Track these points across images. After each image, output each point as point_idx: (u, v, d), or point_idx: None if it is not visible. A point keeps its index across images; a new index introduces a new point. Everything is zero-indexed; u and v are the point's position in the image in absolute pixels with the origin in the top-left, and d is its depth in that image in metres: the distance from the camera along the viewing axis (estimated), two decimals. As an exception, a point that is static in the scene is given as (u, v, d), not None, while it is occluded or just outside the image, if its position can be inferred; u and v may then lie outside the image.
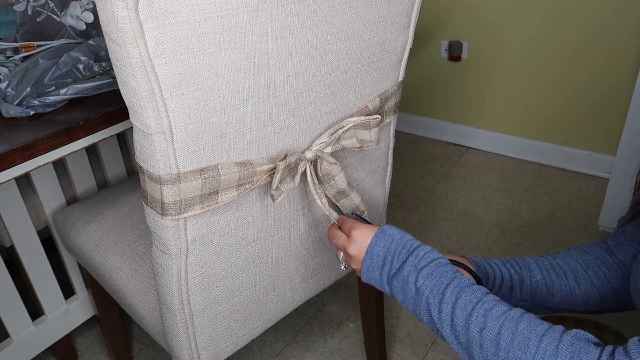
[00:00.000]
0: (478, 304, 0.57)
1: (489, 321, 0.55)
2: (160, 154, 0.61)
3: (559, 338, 0.52)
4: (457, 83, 2.18)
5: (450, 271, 0.62)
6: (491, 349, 0.54)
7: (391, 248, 0.66)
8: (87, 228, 1.02)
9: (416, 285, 0.62)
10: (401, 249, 0.66)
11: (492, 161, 2.14)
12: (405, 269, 0.64)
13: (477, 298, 0.57)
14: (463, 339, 0.57)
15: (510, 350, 0.53)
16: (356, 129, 0.79)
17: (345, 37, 0.72)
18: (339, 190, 0.80)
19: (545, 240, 1.68)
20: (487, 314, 0.56)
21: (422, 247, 0.65)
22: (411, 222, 1.80)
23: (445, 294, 0.59)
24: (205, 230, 0.71)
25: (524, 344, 0.52)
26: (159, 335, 0.86)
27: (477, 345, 0.55)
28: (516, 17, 1.91)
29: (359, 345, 1.34)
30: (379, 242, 0.68)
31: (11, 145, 0.73)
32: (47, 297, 1.16)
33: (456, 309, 0.58)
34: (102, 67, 0.89)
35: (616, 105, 1.84)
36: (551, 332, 0.52)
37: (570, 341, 0.51)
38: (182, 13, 0.53)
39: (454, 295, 0.58)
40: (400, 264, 0.65)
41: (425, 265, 0.62)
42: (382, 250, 0.67)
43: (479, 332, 0.55)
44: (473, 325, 0.56)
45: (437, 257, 0.64)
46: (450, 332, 0.58)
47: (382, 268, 0.67)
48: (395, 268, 0.65)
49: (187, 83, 0.58)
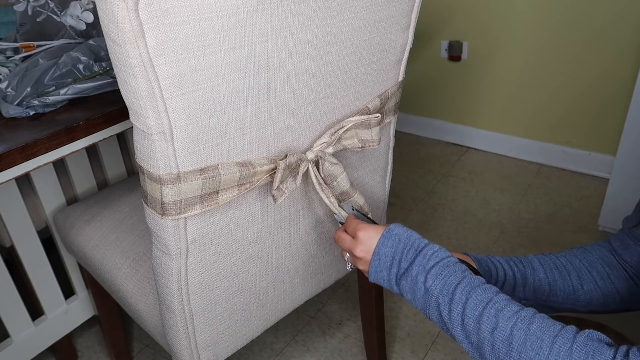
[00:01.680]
0: (489, 304, 0.56)
1: (501, 321, 0.55)
2: (160, 154, 0.61)
3: (572, 339, 0.51)
4: (457, 83, 2.18)
5: (459, 270, 0.61)
6: (503, 349, 0.54)
7: (399, 248, 0.66)
8: (87, 228, 1.02)
9: (425, 286, 0.62)
10: (409, 249, 0.65)
11: (492, 161, 2.14)
12: (413, 269, 0.63)
13: (488, 298, 0.57)
14: (474, 339, 0.57)
15: (522, 351, 0.53)
16: (357, 129, 0.79)
17: (345, 37, 0.72)
18: (343, 191, 0.80)
19: (545, 240, 1.68)
20: (498, 314, 0.55)
21: (430, 246, 0.65)
22: (411, 222, 1.80)
23: (455, 294, 0.59)
24: (205, 230, 0.71)
25: (537, 345, 0.52)
26: (159, 335, 0.86)
27: (489, 346, 0.55)
28: (516, 17, 1.91)
29: (359, 345, 1.34)
30: (386, 242, 0.67)
31: (11, 145, 0.73)
32: (47, 297, 1.16)
33: (467, 309, 0.57)
34: (102, 67, 0.89)
35: (616, 106, 1.84)
36: (564, 333, 0.52)
37: (584, 342, 0.51)
38: (182, 13, 0.53)
39: (464, 295, 0.58)
40: (409, 264, 0.64)
41: (433, 265, 0.62)
42: (389, 250, 0.66)
43: (491, 332, 0.55)
44: (484, 326, 0.56)
45: (446, 255, 0.63)
46: (461, 332, 0.58)
47: (390, 269, 0.66)
48: (404, 268, 0.65)
49: (187, 83, 0.58)
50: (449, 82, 2.20)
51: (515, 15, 1.91)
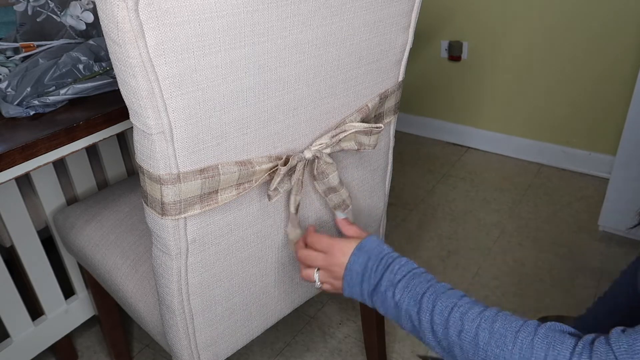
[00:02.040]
0: (454, 308, 0.58)
1: (466, 324, 0.57)
2: (160, 154, 0.61)
3: (533, 332, 0.53)
4: (457, 83, 2.18)
5: (424, 280, 0.63)
6: (471, 350, 0.56)
7: (368, 266, 0.68)
8: (87, 228, 1.02)
9: (394, 300, 0.64)
10: (377, 265, 0.67)
11: (492, 161, 2.14)
12: (382, 284, 0.65)
13: (453, 303, 0.59)
14: (445, 343, 0.59)
15: (488, 349, 0.54)
16: (357, 133, 0.79)
17: (345, 37, 0.72)
18: (330, 187, 0.81)
19: (545, 240, 1.68)
20: (463, 317, 0.57)
21: (398, 261, 0.67)
22: (411, 222, 1.80)
23: (422, 303, 0.61)
24: (205, 230, 0.71)
25: (501, 342, 0.54)
26: (159, 335, 0.86)
27: (458, 348, 0.57)
28: (516, 17, 1.91)
29: (359, 345, 1.34)
30: (357, 260, 0.69)
31: (11, 145, 0.73)
32: (47, 297, 1.16)
33: (434, 316, 0.59)
34: (102, 67, 0.89)
35: (616, 106, 1.84)
36: (526, 327, 0.53)
37: (544, 333, 0.52)
38: (182, 13, 0.53)
39: (431, 303, 0.60)
40: (378, 280, 0.66)
41: (400, 279, 0.64)
42: (360, 268, 0.68)
43: (458, 335, 0.57)
44: (451, 330, 0.58)
45: (412, 268, 0.65)
46: (433, 338, 0.60)
47: (361, 284, 0.68)
48: (373, 284, 0.67)
49: (187, 83, 0.58)
50: (449, 82, 2.20)
51: (515, 15, 1.91)
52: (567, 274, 1.54)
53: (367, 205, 0.98)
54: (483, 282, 1.52)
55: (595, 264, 1.57)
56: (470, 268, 1.58)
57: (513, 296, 1.47)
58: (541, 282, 1.51)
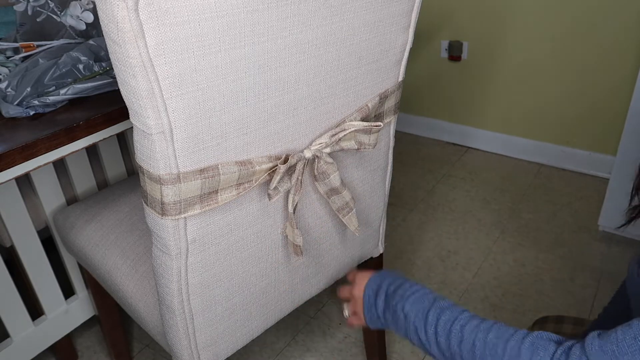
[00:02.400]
0: (455, 321, 0.64)
1: (465, 335, 0.62)
2: (160, 154, 0.61)
3: (521, 340, 0.58)
4: (457, 83, 2.18)
5: (431, 297, 0.70)
6: (469, 358, 0.62)
7: (382, 285, 0.75)
8: (87, 228, 1.02)
9: (404, 312, 0.70)
10: (390, 284, 0.75)
11: (492, 161, 2.14)
12: (394, 299, 0.72)
13: (455, 317, 0.65)
14: (447, 354, 0.65)
15: (483, 357, 0.60)
16: (357, 133, 0.79)
17: (345, 37, 0.72)
18: (332, 188, 0.81)
19: (545, 240, 1.68)
20: (462, 329, 0.63)
21: (410, 282, 0.74)
22: (411, 222, 1.80)
23: (428, 317, 0.67)
24: (205, 230, 0.71)
25: (494, 351, 0.59)
26: (159, 335, 0.86)
27: (459, 357, 0.63)
28: (516, 17, 1.91)
29: (359, 345, 1.34)
30: (374, 280, 0.77)
31: (11, 145, 0.73)
32: (47, 297, 1.16)
33: (438, 328, 0.65)
34: (102, 67, 0.89)
35: (616, 105, 1.84)
36: (515, 336, 0.59)
37: (531, 341, 0.57)
38: (182, 13, 0.53)
39: (436, 317, 0.66)
40: (390, 295, 0.73)
41: (410, 295, 0.71)
42: (375, 286, 0.76)
43: (458, 345, 0.63)
44: (453, 341, 0.64)
45: (422, 287, 0.72)
46: (437, 349, 0.66)
47: (376, 301, 0.75)
48: (386, 300, 0.74)
49: (187, 83, 0.58)
50: (449, 82, 2.20)
51: (515, 15, 1.91)
52: (567, 274, 1.54)
53: (367, 205, 0.98)
54: (483, 282, 1.52)
55: (595, 264, 1.57)
56: (470, 268, 1.58)
57: (513, 296, 1.47)
58: (541, 282, 1.51)
